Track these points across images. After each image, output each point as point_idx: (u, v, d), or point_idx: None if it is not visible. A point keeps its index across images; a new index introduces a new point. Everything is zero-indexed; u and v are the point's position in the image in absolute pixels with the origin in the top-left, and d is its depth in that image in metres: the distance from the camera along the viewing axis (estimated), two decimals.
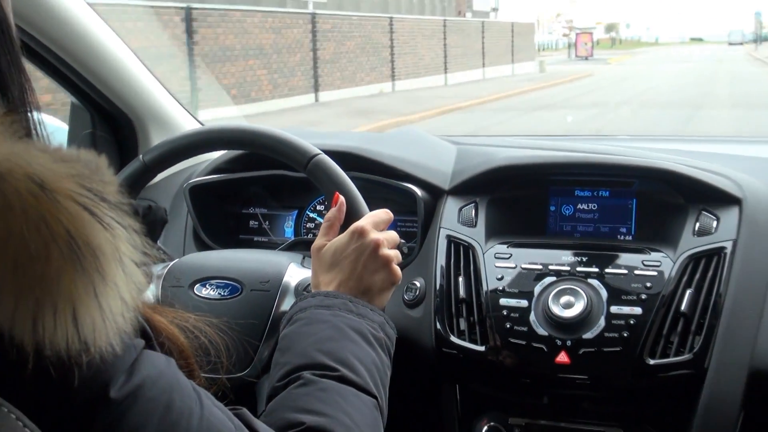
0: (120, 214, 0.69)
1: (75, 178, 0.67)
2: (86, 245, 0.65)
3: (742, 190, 1.66)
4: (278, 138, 1.48)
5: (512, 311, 1.59)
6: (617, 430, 1.58)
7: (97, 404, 0.71)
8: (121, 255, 0.68)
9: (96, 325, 0.66)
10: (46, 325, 0.64)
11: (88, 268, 0.65)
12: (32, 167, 0.65)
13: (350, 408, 1.03)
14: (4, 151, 0.65)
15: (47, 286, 0.63)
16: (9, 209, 0.62)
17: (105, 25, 1.87)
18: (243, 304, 1.48)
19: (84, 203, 0.66)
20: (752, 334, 1.52)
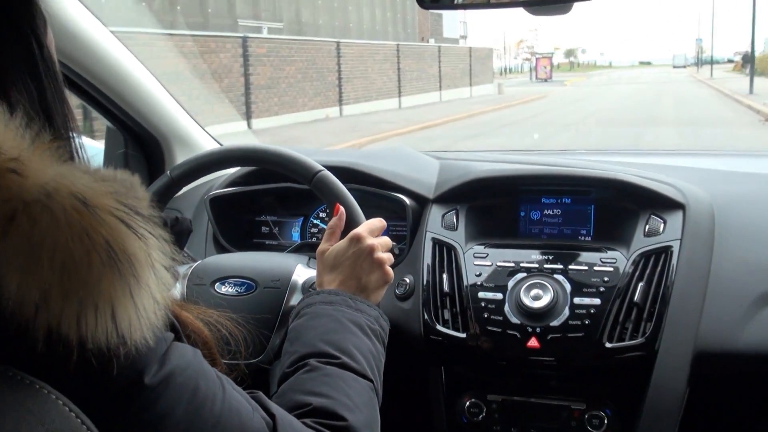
0: (152, 226, 0.70)
1: (113, 195, 0.67)
2: (123, 253, 0.65)
3: (685, 197, 1.66)
4: (287, 156, 1.48)
5: (489, 303, 1.59)
6: (581, 404, 1.58)
7: (134, 390, 0.71)
8: (153, 261, 0.68)
9: (132, 321, 0.67)
10: (88, 322, 0.64)
11: (125, 272, 0.65)
12: (76, 186, 0.65)
13: (350, 390, 1.04)
14: (51, 173, 0.65)
15: (89, 289, 0.64)
16: (56, 223, 0.63)
17: (135, 59, 1.87)
18: (257, 300, 1.48)
19: (121, 217, 0.66)
20: (695, 320, 1.52)
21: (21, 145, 0.66)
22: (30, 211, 0.62)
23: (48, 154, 0.67)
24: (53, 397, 0.64)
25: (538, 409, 1.61)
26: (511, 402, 1.62)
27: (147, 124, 2.00)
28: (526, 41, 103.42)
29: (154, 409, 0.72)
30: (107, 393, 0.69)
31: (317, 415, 0.97)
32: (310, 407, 0.98)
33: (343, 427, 0.97)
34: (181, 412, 0.74)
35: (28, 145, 0.66)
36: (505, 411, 1.63)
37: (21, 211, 0.62)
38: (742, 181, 1.79)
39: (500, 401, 1.63)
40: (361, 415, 1.01)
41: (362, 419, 1.01)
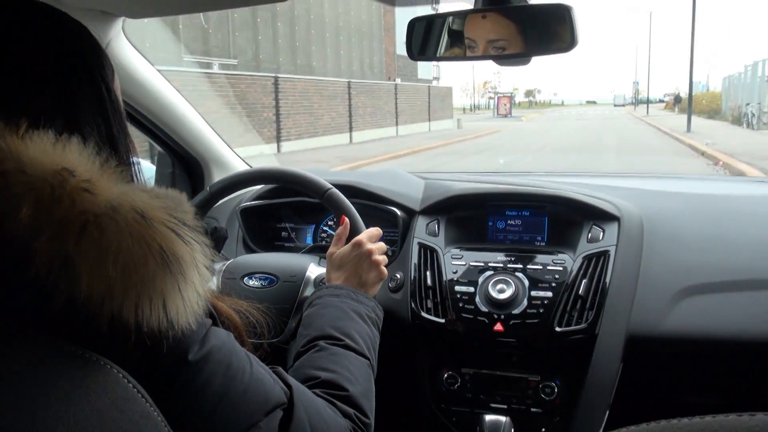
0: (196, 234, 0.70)
1: (165, 209, 0.68)
2: (173, 256, 0.66)
3: (620, 211, 1.66)
4: (302, 176, 1.49)
5: (463, 295, 1.59)
6: (536, 376, 1.58)
7: (179, 365, 0.72)
8: (197, 262, 0.69)
9: (179, 310, 0.67)
10: (144, 311, 0.64)
11: (175, 271, 0.66)
12: (136, 202, 0.66)
13: (351, 367, 1.04)
14: (116, 191, 0.66)
15: (146, 285, 0.64)
16: (120, 231, 0.63)
17: (181, 97, 1.87)
18: (277, 292, 1.48)
19: (171, 227, 0.67)
20: (628, 309, 1.53)
21: (92, 169, 0.66)
22: (99, 222, 0.63)
23: (113, 176, 0.68)
24: (115, 371, 0.64)
25: (501, 380, 1.61)
26: (481, 374, 1.62)
27: (190, 149, 2.00)
28: (490, 82, 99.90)
29: (196, 380, 0.73)
30: (158, 368, 0.70)
31: (325, 387, 0.98)
32: (319, 380, 0.99)
33: (345, 396, 0.98)
34: (217, 383, 0.75)
35: (97, 169, 0.67)
36: (475, 381, 1.63)
37: (92, 222, 0.63)
38: (665, 198, 1.80)
39: (472, 373, 1.63)
40: (360, 387, 1.02)
41: (360, 390, 1.01)
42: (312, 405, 0.89)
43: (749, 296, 1.51)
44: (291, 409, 0.84)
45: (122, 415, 0.63)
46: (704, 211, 1.73)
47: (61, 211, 0.62)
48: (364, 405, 1.00)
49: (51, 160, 0.64)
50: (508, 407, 1.59)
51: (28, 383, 0.59)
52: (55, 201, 0.62)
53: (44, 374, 0.60)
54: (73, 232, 0.62)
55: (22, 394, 0.57)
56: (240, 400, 0.77)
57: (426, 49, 1.39)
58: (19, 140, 0.65)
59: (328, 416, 0.91)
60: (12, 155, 0.64)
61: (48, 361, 0.61)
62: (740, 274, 1.54)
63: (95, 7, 1.35)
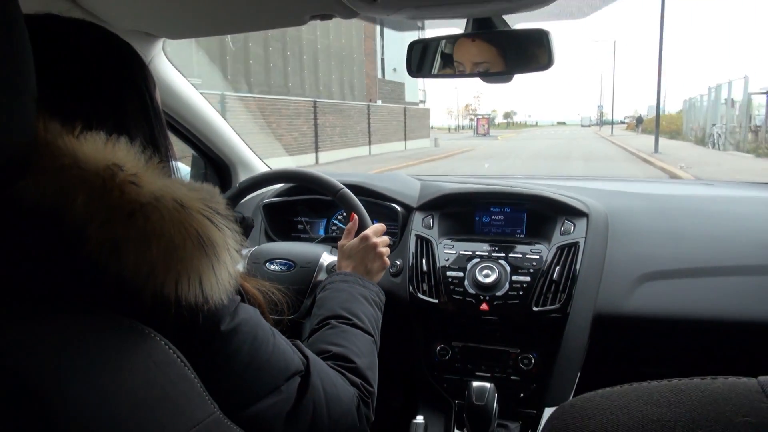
0: (227, 222, 0.70)
1: (201, 200, 0.67)
2: (208, 240, 0.65)
3: (589, 208, 1.66)
4: (318, 177, 1.49)
5: (454, 279, 1.58)
6: (516, 349, 1.57)
7: (213, 334, 0.71)
8: (228, 246, 0.68)
9: (213, 287, 0.66)
10: (183, 287, 0.64)
11: (209, 253, 0.65)
12: (176, 193, 0.65)
13: (359, 343, 1.04)
14: (159, 184, 0.65)
15: (184, 265, 0.64)
16: (162, 218, 0.62)
17: (212, 108, 1.86)
18: (295, 275, 1.47)
19: (207, 215, 0.66)
20: (594, 293, 1.52)
21: (138, 165, 0.66)
22: (144, 210, 0.62)
23: (156, 171, 0.67)
24: (157, 339, 0.63)
25: (486, 352, 1.60)
26: (468, 347, 1.62)
27: (220, 153, 1.99)
28: (471, 105, 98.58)
29: (226, 348, 0.72)
30: (194, 336, 0.69)
31: (335, 359, 0.97)
32: (331, 353, 0.98)
33: (353, 368, 0.97)
34: (245, 351, 0.74)
35: (143, 165, 0.66)
36: (464, 353, 1.62)
37: (138, 210, 0.62)
38: (626, 198, 1.79)
39: (461, 346, 1.62)
40: (365, 360, 1.01)
41: (366, 363, 1.01)
42: (325, 374, 0.89)
43: (698, 282, 1.50)
44: (308, 377, 0.84)
45: (163, 376, 0.62)
46: (660, 209, 1.72)
47: (111, 201, 0.62)
48: (369, 376, 1.00)
49: (102, 156, 0.64)
50: (492, 375, 1.58)
51: (85, 348, 0.58)
52: (106, 192, 0.62)
53: (98, 340, 0.60)
54: (122, 219, 0.61)
55: (81, 357, 0.57)
56: (264, 367, 0.77)
57: (422, 67, 1.38)
58: (75, 139, 0.64)
59: (339, 384, 0.91)
60: (69, 152, 0.63)
61: (101, 330, 0.61)
62: (690, 263, 1.54)
63: (140, 29, 1.34)
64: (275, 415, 0.78)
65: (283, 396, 0.79)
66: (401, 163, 19.30)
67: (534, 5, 1.08)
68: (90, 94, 0.72)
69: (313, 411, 0.83)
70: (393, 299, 1.51)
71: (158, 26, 1.34)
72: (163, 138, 0.81)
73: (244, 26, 1.37)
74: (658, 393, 0.41)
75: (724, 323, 1.43)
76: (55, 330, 0.58)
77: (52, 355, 0.55)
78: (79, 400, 0.54)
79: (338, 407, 0.88)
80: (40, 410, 0.52)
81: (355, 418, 0.92)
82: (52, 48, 0.70)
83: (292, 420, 0.80)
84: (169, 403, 0.62)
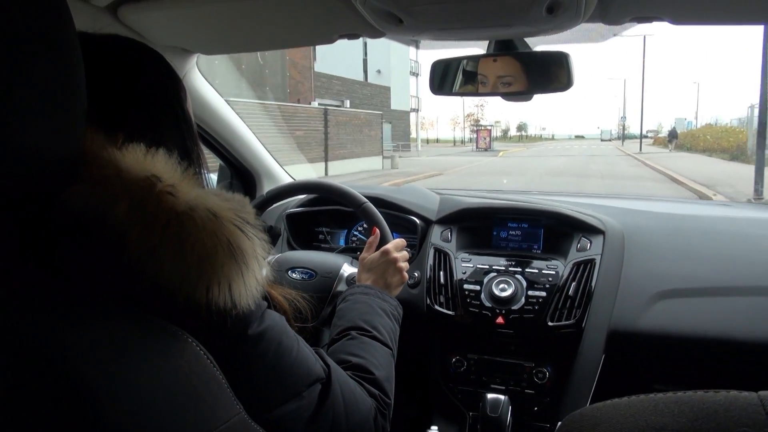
0: (256, 231, 0.71)
1: (232, 210, 0.69)
2: (238, 248, 0.67)
3: (605, 226, 1.66)
4: (342, 189, 1.50)
5: (471, 292, 1.59)
6: (531, 362, 1.58)
7: (240, 338, 0.73)
8: (257, 254, 0.70)
9: (241, 293, 0.68)
10: (213, 292, 0.65)
11: (239, 261, 0.67)
12: (209, 204, 0.67)
13: (377, 355, 1.05)
14: (193, 194, 0.67)
15: (215, 271, 0.65)
16: (196, 227, 0.64)
17: (241, 120, 1.91)
18: (315, 284, 1.49)
19: (237, 224, 0.68)
20: (610, 309, 1.52)
21: (175, 176, 0.68)
22: (179, 219, 0.65)
23: (191, 182, 0.69)
24: (189, 340, 0.66)
25: (501, 365, 1.61)
26: (483, 359, 1.62)
27: (246, 164, 2.03)
28: (473, 115, 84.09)
29: (253, 352, 0.74)
30: (223, 340, 0.71)
31: (355, 369, 0.98)
32: (350, 363, 0.99)
33: (372, 379, 0.98)
34: (270, 356, 0.76)
35: (179, 176, 0.69)
36: (479, 365, 1.63)
37: (173, 219, 0.65)
38: (643, 216, 1.79)
39: (476, 358, 1.63)
40: (383, 372, 1.02)
41: (384, 375, 1.02)
42: (346, 383, 0.90)
43: (713, 301, 1.50)
44: (329, 384, 0.85)
45: (194, 376, 0.64)
46: (676, 228, 1.72)
47: (150, 209, 0.64)
48: (386, 388, 1.00)
49: (142, 167, 0.67)
50: (506, 388, 1.59)
51: (123, 347, 0.61)
52: (145, 201, 0.64)
53: (137, 340, 0.62)
54: (159, 226, 0.64)
55: (118, 356, 0.60)
56: (288, 372, 0.78)
57: (444, 85, 1.40)
58: (118, 151, 0.67)
59: (357, 394, 0.92)
60: (112, 163, 0.66)
61: (139, 330, 0.63)
62: (705, 282, 1.53)
63: (176, 45, 1.39)
64: (296, 419, 0.79)
65: (304, 402, 0.80)
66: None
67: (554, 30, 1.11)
68: (131, 108, 0.76)
69: (332, 418, 0.84)
70: (410, 310, 1.53)
71: (194, 43, 1.38)
72: (196, 148, 0.84)
73: (274, 44, 1.41)
74: (663, 404, 0.43)
75: (737, 343, 1.43)
76: (98, 330, 0.61)
77: (90, 350, 0.58)
78: (121, 396, 0.57)
79: (356, 416, 0.89)
80: (86, 406, 0.55)
81: (372, 429, 0.92)
82: (98, 64, 0.74)
83: (312, 426, 0.81)
84: (199, 401, 0.64)
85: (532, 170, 21.74)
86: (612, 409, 0.46)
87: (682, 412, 0.41)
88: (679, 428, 0.40)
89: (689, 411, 0.41)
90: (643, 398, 0.46)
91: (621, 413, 0.45)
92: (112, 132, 0.70)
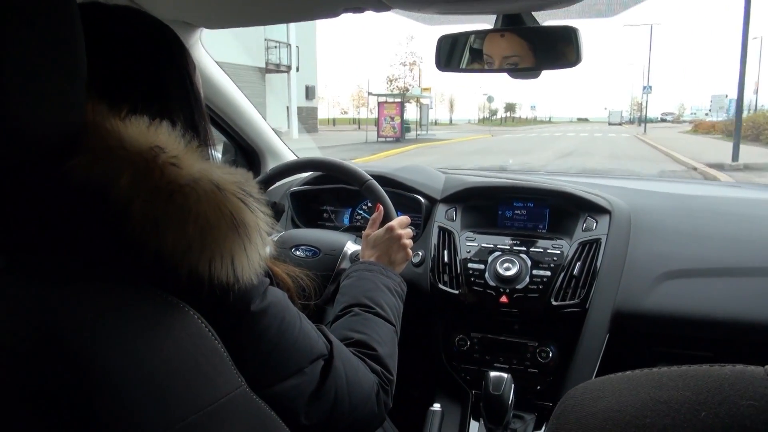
0: (260, 205, 0.71)
1: (236, 183, 0.69)
2: (241, 221, 0.67)
3: (611, 206, 1.65)
4: (346, 166, 1.50)
5: (475, 271, 1.59)
6: (534, 341, 1.58)
7: (243, 314, 0.72)
8: (260, 228, 0.70)
9: (244, 267, 0.67)
10: (216, 266, 0.65)
11: (242, 234, 0.66)
12: (213, 176, 0.67)
13: (380, 331, 1.04)
14: (197, 167, 0.67)
15: (218, 244, 0.65)
16: (199, 199, 0.64)
17: (245, 97, 1.89)
18: (319, 262, 1.49)
19: (241, 198, 0.68)
20: (615, 289, 1.52)
21: (179, 148, 0.68)
22: (183, 191, 0.64)
23: (196, 154, 0.69)
24: (191, 313, 0.66)
25: (504, 344, 1.61)
26: (487, 338, 1.63)
27: (251, 141, 2.03)
28: (397, 80, 40.87)
29: (255, 328, 0.74)
30: (225, 314, 0.70)
31: (357, 346, 0.98)
32: (353, 340, 0.99)
33: (374, 355, 0.98)
34: (272, 332, 0.76)
35: (183, 147, 0.68)
36: (482, 344, 1.63)
37: (177, 191, 0.64)
38: (649, 196, 1.78)
39: (480, 337, 1.63)
40: (386, 348, 1.02)
41: (387, 351, 1.02)
42: (348, 359, 0.90)
43: (719, 282, 1.49)
44: (331, 360, 0.85)
45: (195, 348, 0.65)
46: (682, 209, 1.71)
47: (153, 181, 0.64)
48: (389, 364, 1.00)
49: (145, 138, 0.66)
50: (509, 367, 1.60)
51: (125, 317, 0.61)
52: (148, 172, 0.64)
53: (137, 311, 0.62)
54: (162, 198, 0.64)
55: (120, 328, 0.60)
56: (290, 349, 0.78)
57: (451, 62, 1.39)
58: (121, 122, 0.67)
59: (360, 370, 0.92)
60: (115, 134, 0.65)
61: (140, 301, 0.63)
62: (711, 263, 1.53)
63: (180, 19, 1.37)
64: (298, 395, 0.79)
65: (306, 378, 0.80)
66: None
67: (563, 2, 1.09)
68: (135, 79, 0.75)
69: (334, 394, 0.84)
70: (414, 289, 1.53)
71: (197, 16, 1.37)
72: (203, 122, 0.83)
73: (279, 17, 1.39)
74: (667, 377, 0.43)
75: (743, 324, 1.42)
76: (97, 300, 0.61)
77: (92, 322, 0.58)
78: (117, 365, 0.57)
79: (359, 392, 0.89)
80: (86, 377, 0.55)
81: (375, 405, 0.93)
82: (100, 34, 0.73)
83: (314, 402, 0.81)
84: (201, 374, 0.65)
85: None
86: (616, 382, 0.46)
87: (686, 385, 0.41)
88: (683, 401, 0.40)
89: (694, 384, 0.41)
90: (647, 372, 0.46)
91: (624, 386, 0.45)
92: (117, 103, 0.69)
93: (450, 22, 1.39)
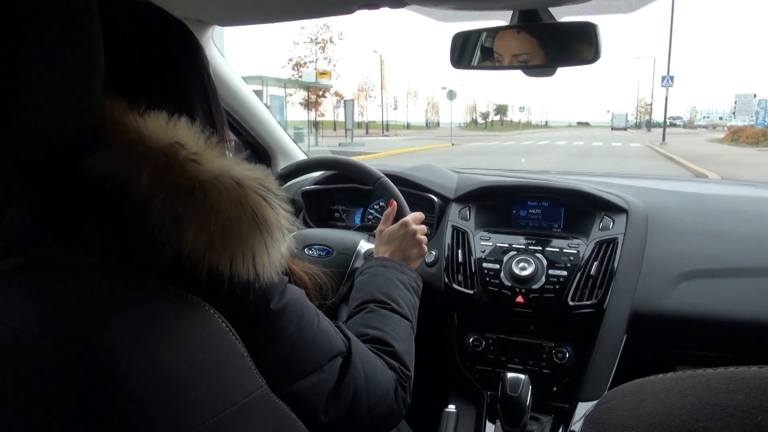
0: (281, 201, 0.70)
1: (256, 179, 0.68)
2: (262, 218, 0.66)
3: (628, 205, 1.63)
4: (359, 165, 1.49)
5: (490, 271, 1.58)
6: (550, 342, 1.56)
7: (262, 312, 0.72)
8: (281, 225, 0.69)
9: (264, 265, 0.67)
10: (237, 264, 0.64)
11: (263, 232, 0.66)
12: (233, 172, 0.66)
13: (396, 327, 1.03)
14: (218, 163, 0.66)
15: (239, 242, 0.64)
16: (220, 196, 0.63)
17: (256, 97, 1.89)
18: (332, 261, 1.48)
19: (262, 194, 0.67)
20: (632, 289, 1.50)
21: (199, 144, 0.67)
22: (204, 187, 0.63)
23: (215, 151, 0.68)
24: (211, 312, 0.65)
25: (520, 345, 1.59)
26: (502, 339, 1.61)
27: (261, 141, 2.02)
28: (304, 60, 31.21)
29: (274, 326, 0.73)
30: (245, 312, 0.70)
31: (374, 342, 0.97)
32: (369, 336, 0.98)
33: (391, 351, 0.97)
34: (291, 330, 0.75)
35: (203, 144, 0.67)
36: (497, 345, 1.61)
37: (198, 187, 0.63)
38: (667, 196, 1.76)
39: (494, 338, 1.62)
40: (403, 344, 1.01)
41: (404, 347, 1.00)
42: (366, 356, 0.89)
43: (738, 282, 1.47)
44: (349, 358, 0.84)
45: (216, 347, 0.64)
46: (700, 208, 1.69)
47: (173, 177, 0.63)
48: (406, 360, 0.99)
49: (165, 134, 0.65)
50: (525, 368, 1.58)
51: (145, 317, 0.60)
52: (168, 169, 0.63)
53: (157, 309, 0.61)
54: (183, 195, 0.63)
55: (141, 327, 0.58)
56: (309, 346, 0.78)
57: (463, 59, 1.38)
58: (140, 118, 0.66)
59: (378, 367, 0.91)
60: (134, 129, 0.64)
61: (160, 300, 0.62)
62: (730, 263, 1.50)
63: (193, 16, 1.36)
64: (317, 393, 0.79)
65: (325, 375, 0.80)
66: None
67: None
68: (154, 74, 0.74)
69: (353, 391, 0.83)
70: (427, 289, 1.52)
71: (210, 13, 1.36)
72: (219, 116, 0.82)
73: (293, 15, 1.38)
74: (716, 380, 0.41)
75: (763, 325, 1.40)
76: (118, 298, 0.60)
77: (114, 321, 0.57)
78: (139, 365, 0.56)
79: (377, 389, 0.88)
80: (102, 372, 0.54)
81: (393, 401, 0.92)
82: (118, 30, 0.72)
83: (333, 399, 0.81)
84: (221, 374, 0.63)
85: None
86: (658, 385, 0.44)
87: (738, 388, 0.39)
88: (736, 404, 0.38)
89: (746, 387, 0.39)
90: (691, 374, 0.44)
91: (668, 389, 0.43)
92: (135, 99, 0.68)
93: (466, 18, 1.38)
